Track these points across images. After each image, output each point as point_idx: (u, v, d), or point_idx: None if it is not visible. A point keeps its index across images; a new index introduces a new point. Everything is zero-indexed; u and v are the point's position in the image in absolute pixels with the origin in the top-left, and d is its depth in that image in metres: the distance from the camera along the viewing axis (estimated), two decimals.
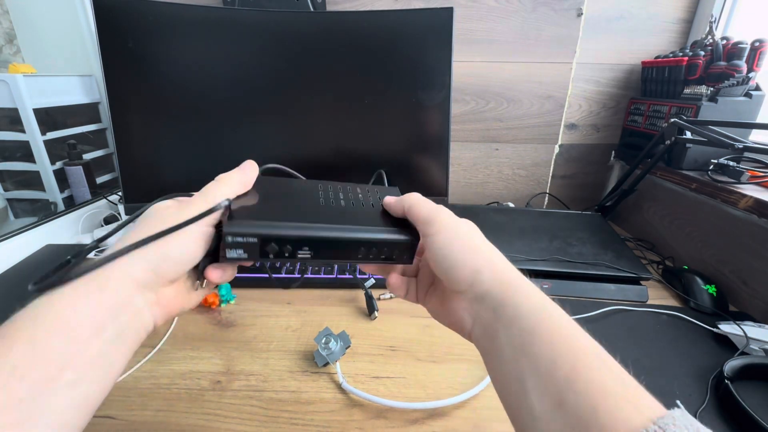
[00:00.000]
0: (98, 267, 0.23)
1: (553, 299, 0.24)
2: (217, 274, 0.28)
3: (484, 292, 0.25)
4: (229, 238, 0.26)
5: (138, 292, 0.24)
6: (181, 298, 0.27)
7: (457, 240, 0.27)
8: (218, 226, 0.28)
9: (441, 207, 0.30)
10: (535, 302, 0.24)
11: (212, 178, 0.32)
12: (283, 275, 0.62)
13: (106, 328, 0.22)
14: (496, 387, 0.25)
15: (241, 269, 0.63)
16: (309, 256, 0.29)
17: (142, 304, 0.24)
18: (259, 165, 0.33)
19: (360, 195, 0.35)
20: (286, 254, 0.28)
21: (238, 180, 0.30)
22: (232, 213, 0.27)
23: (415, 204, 0.30)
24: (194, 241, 0.26)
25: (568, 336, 0.22)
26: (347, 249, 0.30)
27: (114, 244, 0.25)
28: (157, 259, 0.24)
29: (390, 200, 0.32)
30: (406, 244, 0.31)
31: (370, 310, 0.56)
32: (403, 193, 0.33)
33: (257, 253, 0.27)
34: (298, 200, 0.31)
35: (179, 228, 0.25)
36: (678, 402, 0.23)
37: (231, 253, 0.27)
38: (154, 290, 0.25)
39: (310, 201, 0.32)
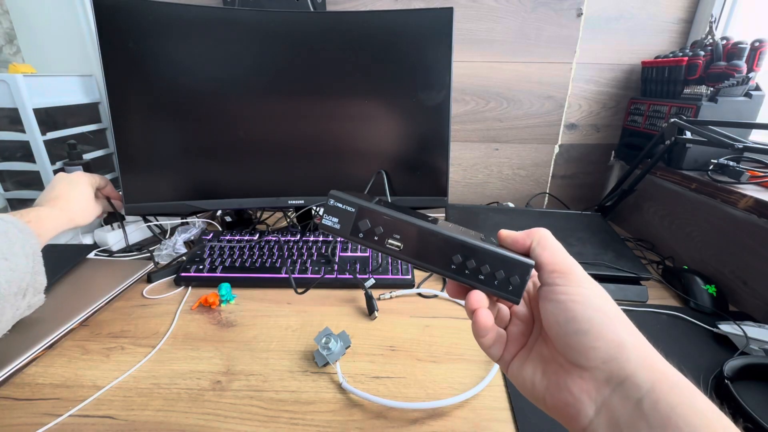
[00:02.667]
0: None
1: None
2: None
3: (625, 376, 0.19)
4: (331, 201, 0.26)
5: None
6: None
7: (597, 299, 0.21)
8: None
9: (575, 261, 0.25)
10: (700, 409, 0.18)
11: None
12: (284, 275, 0.62)
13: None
14: None
15: (242, 269, 0.63)
16: (398, 248, 0.27)
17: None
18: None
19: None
20: (376, 237, 0.27)
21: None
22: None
23: (550, 241, 0.25)
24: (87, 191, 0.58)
25: None
26: (443, 251, 0.26)
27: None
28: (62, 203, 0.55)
29: (509, 232, 0.27)
30: (522, 266, 0.25)
31: (370, 310, 0.56)
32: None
33: (349, 227, 0.27)
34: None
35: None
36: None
37: (326, 220, 0.27)
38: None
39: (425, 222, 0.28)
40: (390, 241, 0.27)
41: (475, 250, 0.25)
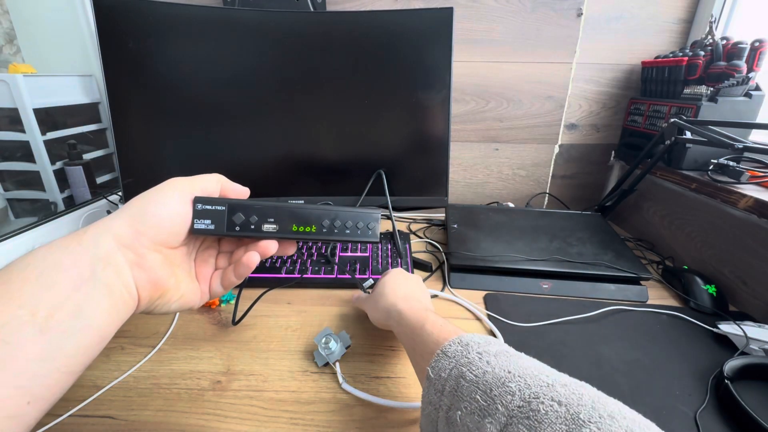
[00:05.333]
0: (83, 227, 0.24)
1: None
2: (216, 282, 0.32)
3: (386, 323, 0.44)
4: (199, 206, 0.28)
5: (118, 249, 0.24)
6: (171, 272, 0.28)
7: (383, 287, 0.48)
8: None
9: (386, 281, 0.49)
10: (403, 318, 0.40)
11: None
12: (284, 275, 0.62)
13: (83, 278, 0.22)
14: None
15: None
16: (275, 229, 0.30)
17: (122, 263, 0.24)
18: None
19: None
20: (252, 226, 0.30)
21: (231, 187, 0.33)
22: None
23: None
24: (175, 201, 0.27)
25: (414, 326, 0.37)
26: (313, 220, 0.31)
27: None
28: (135, 213, 0.25)
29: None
30: (372, 215, 0.33)
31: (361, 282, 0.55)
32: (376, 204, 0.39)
33: (224, 224, 0.29)
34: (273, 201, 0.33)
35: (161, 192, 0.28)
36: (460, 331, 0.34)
37: (198, 224, 0.28)
38: (135, 249, 0.25)
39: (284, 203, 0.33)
40: (266, 226, 0.30)
41: (337, 213, 0.32)
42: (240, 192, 0.32)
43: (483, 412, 0.23)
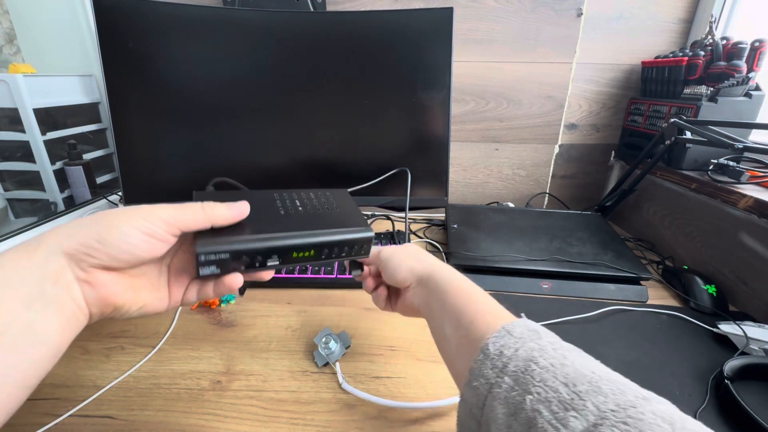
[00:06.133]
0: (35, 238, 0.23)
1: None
2: (192, 292, 0.30)
3: (420, 278, 0.37)
4: (202, 257, 0.27)
5: (68, 266, 0.23)
6: (126, 287, 0.26)
7: (399, 253, 0.40)
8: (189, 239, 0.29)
9: (384, 248, 0.42)
10: (447, 276, 0.36)
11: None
12: (284, 275, 0.62)
13: (32, 297, 0.22)
14: (434, 336, 0.35)
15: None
16: (278, 263, 0.31)
17: (72, 279, 0.23)
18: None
19: (314, 200, 0.36)
20: (257, 264, 0.30)
21: (222, 212, 0.29)
22: (199, 233, 0.28)
23: (383, 256, 0.41)
24: (139, 236, 0.25)
25: (463, 290, 0.34)
26: (312, 252, 0.32)
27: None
28: (93, 236, 0.24)
29: (367, 270, 0.43)
30: (364, 240, 0.35)
31: (353, 267, 0.44)
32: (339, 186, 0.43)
33: (229, 268, 0.29)
34: (260, 213, 0.32)
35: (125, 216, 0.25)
36: (522, 314, 0.32)
37: (204, 270, 0.28)
38: (84, 268, 0.24)
39: (271, 212, 0.33)
40: (270, 262, 0.30)
41: (333, 244, 0.33)
42: (235, 215, 0.29)
43: (565, 405, 0.22)
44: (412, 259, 0.39)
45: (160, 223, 0.25)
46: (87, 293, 0.24)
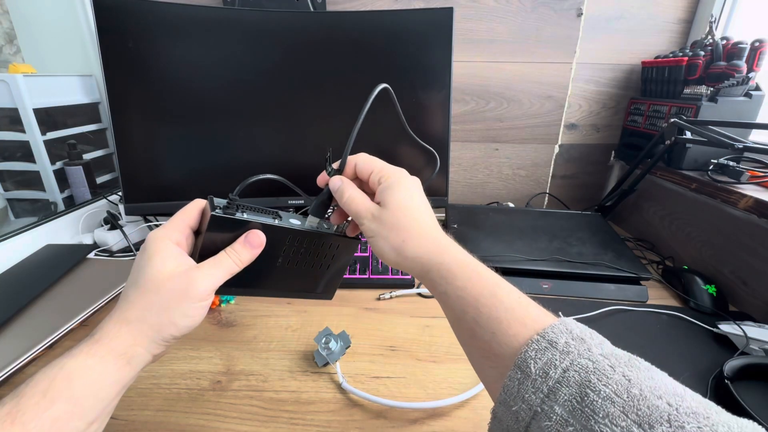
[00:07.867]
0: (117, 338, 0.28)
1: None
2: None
3: (419, 271, 0.31)
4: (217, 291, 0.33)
5: (151, 355, 0.29)
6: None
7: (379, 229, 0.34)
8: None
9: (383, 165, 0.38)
10: (455, 266, 0.29)
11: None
12: None
13: (126, 387, 0.28)
14: (449, 320, 0.30)
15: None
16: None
17: (151, 358, 0.29)
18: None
19: (315, 253, 0.39)
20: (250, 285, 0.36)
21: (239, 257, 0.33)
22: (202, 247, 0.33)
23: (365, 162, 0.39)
24: (200, 311, 0.30)
25: (480, 280, 0.28)
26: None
27: (121, 305, 0.29)
28: (162, 328, 0.28)
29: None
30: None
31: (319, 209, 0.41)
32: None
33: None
34: (260, 262, 0.34)
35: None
36: (560, 313, 0.27)
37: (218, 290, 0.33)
38: (163, 348, 0.29)
39: (270, 263, 0.36)
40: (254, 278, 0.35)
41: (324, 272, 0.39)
42: (255, 255, 0.34)
43: None
44: (397, 238, 0.31)
45: (211, 294, 0.30)
46: (156, 356, 0.30)
